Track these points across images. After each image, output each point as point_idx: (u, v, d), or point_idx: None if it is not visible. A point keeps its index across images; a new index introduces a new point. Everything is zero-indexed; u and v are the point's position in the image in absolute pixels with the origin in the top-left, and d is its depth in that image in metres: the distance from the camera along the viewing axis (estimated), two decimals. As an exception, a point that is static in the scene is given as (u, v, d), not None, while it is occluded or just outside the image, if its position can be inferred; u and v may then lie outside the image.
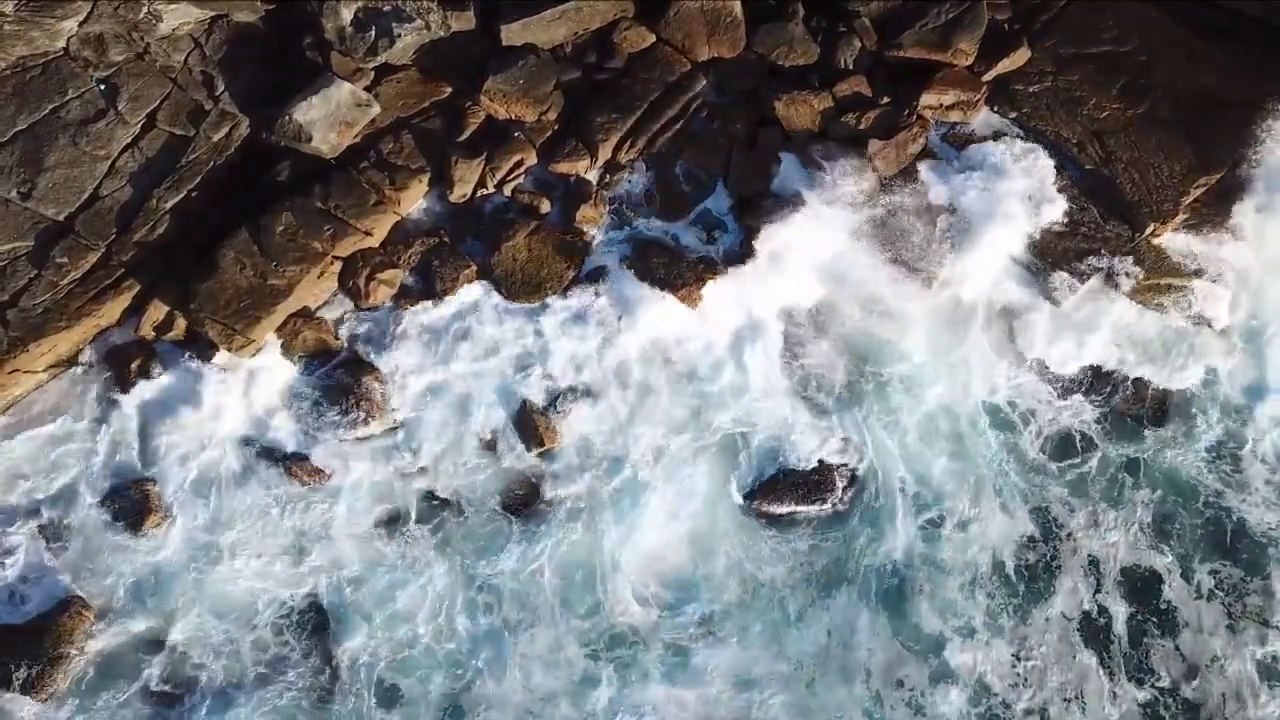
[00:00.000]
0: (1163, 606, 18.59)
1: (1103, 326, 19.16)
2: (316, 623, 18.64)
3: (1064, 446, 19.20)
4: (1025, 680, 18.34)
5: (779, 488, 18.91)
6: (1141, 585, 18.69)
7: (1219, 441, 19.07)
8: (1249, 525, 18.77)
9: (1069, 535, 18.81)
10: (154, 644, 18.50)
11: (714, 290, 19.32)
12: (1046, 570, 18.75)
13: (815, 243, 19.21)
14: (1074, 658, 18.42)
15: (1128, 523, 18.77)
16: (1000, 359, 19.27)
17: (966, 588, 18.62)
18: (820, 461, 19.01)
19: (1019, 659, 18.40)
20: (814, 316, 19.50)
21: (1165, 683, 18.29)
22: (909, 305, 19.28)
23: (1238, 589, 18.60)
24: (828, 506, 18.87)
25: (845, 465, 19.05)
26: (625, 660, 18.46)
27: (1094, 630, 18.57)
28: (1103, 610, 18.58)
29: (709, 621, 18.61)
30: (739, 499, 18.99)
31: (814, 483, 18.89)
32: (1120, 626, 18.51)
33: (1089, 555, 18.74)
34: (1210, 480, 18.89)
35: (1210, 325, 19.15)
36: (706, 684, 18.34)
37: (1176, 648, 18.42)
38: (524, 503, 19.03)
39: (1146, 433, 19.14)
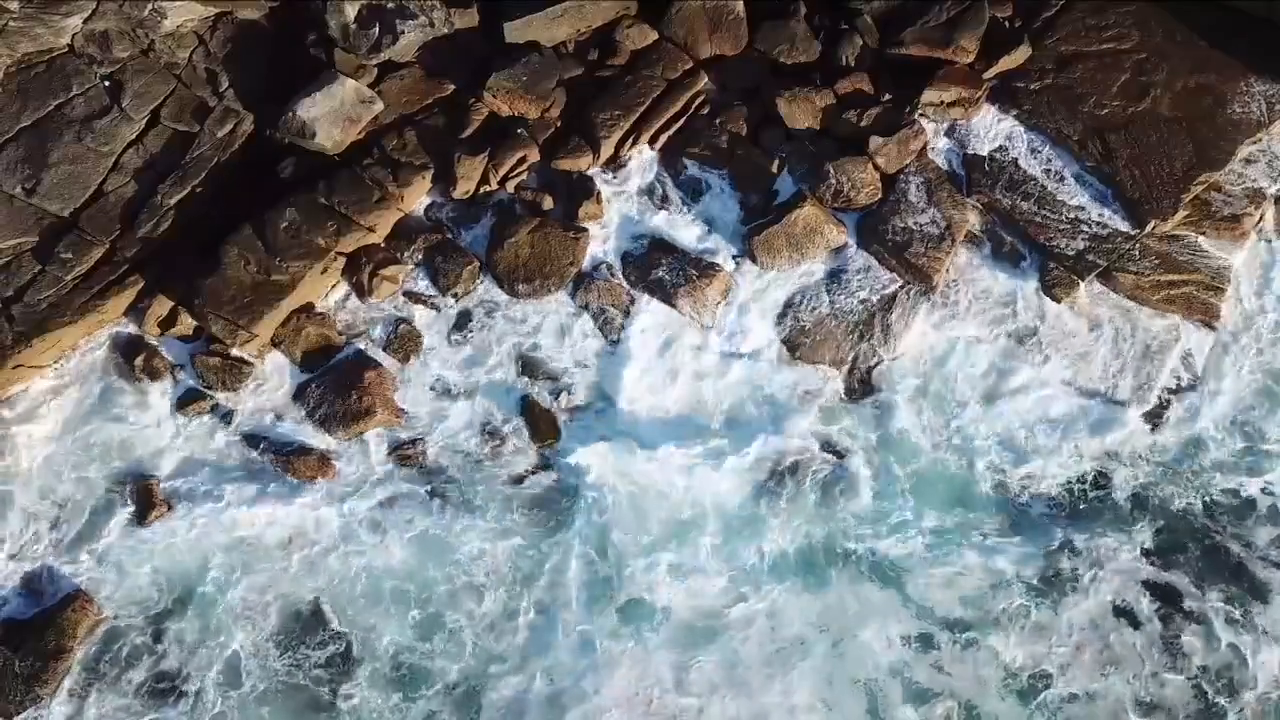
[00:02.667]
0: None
1: (1099, 325, 19.24)
2: (322, 617, 18.66)
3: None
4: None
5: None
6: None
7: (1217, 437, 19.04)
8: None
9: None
10: (157, 639, 18.57)
11: (716, 287, 19.40)
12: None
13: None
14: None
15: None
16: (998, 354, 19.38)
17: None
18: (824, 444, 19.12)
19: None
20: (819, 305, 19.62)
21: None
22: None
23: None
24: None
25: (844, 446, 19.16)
26: (650, 632, 18.39)
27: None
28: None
29: (740, 595, 18.51)
30: (749, 477, 18.99)
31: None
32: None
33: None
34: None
35: (1211, 324, 19.13)
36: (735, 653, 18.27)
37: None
38: (535, 495, 19.07)
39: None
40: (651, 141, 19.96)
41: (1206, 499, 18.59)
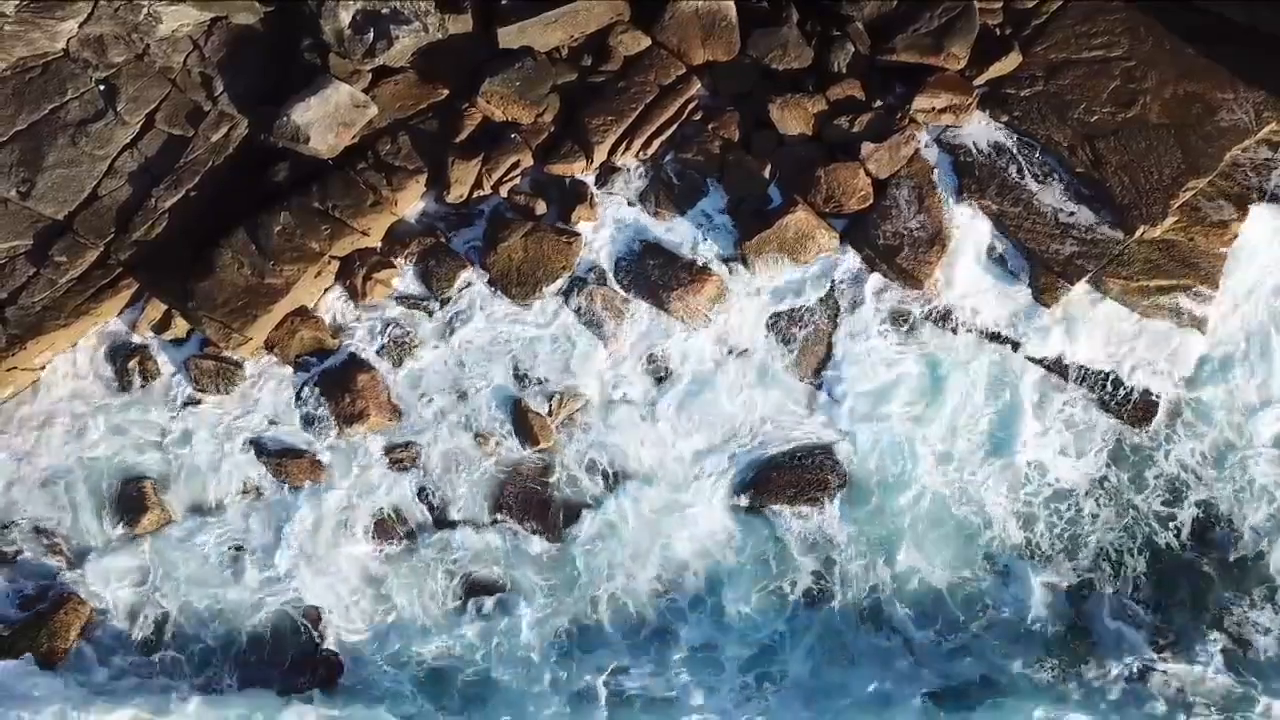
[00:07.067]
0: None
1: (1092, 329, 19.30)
2: (315, 624, 18.65)
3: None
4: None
5: (773, 484, 18.90)
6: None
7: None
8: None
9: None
10: (147, 645, 18.58)
11: (708, 292, 19.45)
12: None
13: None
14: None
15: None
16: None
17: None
18: (812, 456, 18.99)
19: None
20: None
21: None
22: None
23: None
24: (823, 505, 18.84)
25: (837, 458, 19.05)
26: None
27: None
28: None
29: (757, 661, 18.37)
30: (736, 499, 18.94)
31: (808, 480, 18.90)
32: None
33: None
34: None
35: (1200, 329, 19.20)
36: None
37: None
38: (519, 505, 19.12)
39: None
40: (644, 147, 20.04)
41: (1194, 506, 18.68)
